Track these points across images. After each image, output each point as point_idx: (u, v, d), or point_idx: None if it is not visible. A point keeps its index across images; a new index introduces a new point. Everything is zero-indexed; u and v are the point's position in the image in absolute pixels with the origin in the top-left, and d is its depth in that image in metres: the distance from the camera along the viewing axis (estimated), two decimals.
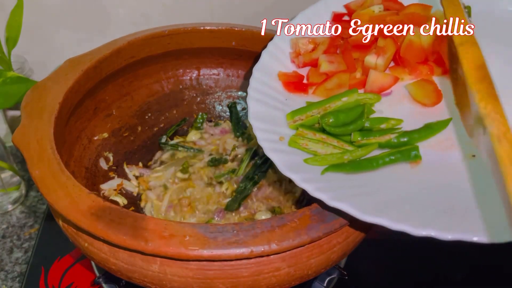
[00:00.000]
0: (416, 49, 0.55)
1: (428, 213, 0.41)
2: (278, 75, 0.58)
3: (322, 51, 0.59)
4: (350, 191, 0.44)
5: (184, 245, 0.41)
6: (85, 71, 0.61)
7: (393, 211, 0.41)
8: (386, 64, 0.57)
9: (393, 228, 0.40)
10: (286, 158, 0.48)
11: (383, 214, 0.41)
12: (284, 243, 0.43)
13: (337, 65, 0.57)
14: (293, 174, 0.46)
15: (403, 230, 0.40)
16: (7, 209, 0.78)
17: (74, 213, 0.44)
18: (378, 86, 0.55)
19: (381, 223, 0.40)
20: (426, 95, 0.53)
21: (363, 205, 0.42)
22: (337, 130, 0.51)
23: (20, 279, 0.68)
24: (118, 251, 0.45)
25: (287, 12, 0.87)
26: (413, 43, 0.54)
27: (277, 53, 0.61)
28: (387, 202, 0.43)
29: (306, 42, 0.60)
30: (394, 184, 0.46)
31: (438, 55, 0.55)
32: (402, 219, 0.40)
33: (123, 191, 0.67)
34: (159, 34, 0.69)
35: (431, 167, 0.47)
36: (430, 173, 0.46)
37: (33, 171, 0.48)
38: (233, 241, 0.42)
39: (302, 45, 0.60)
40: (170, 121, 0.77)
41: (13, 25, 0.74)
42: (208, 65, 0.78)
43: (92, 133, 0.67)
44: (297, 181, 0.45)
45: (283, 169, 0.46)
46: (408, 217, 0.41)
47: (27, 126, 0.53)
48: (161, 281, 0.46)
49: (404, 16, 0.57)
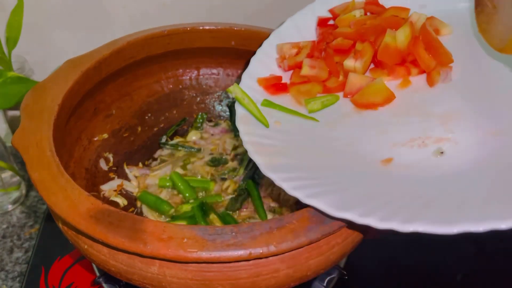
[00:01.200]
0: (392, 51, 0.57)
1: (393, 207, 0.42)
2: (257, 81, 0.60)
3: (305, 54, 0.61)
4: (324, 188, 0.46)
5: (182, 247, 0.42)
6: (84, 72, 0.61)
7: (361, 206, 0.43)
8: (365, 67, 0.58)
9: (358, 222, 0.42)
10: (268, 160, 0.50)
11: (351, 210, 0.42)
12: (282, 245, 0.43)
13: (318, 70, 0.59)
14: (273, 174, 0.48)
15: (367, 223, 0.41)
16: (7, 209, 0.79)
17: (73, 215, 0.44)
18: (357, 87, 0.57)
19: (349, 218, 0.42)
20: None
21: (335, 202, 0.44)
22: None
23: (20, 279, 0.69)
24: (117, 253, 0.45)
25: (287, 12, 0.87)
26: (389, 46, 0.56)
27: (265, 59, 0.63)
28: (357, 198, 0.44)
29: (290, 47, 0.62)
30: (366, 181, 0.48)
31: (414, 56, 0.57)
32: (368, 214, 0.42)
33: (123, 191, 0.67)
34: (158, 34, 0.69)
35: (401, 164, 0.49)
36: (400, 170, 0.48)
37: (32, 174, 0.48)
38: (231, 243, 0.42)
39: (287, 49, 0.62)
40: (170, 121, 0.77)
41: (13, 25, 0.74)
42: (208, 65, 0.77)
43: (92, 133, 0.67)
44: (276, 180, 0.47)
45: (264, 170, 0.49)
46: (373, 211, 0.42)
47: (26, 128, 0.53)
48: (160, 283, 0.46)
49: (382, 20, 0.59)
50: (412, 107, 0.55)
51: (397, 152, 0.50)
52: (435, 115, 0.53)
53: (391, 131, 0.53)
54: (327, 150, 0.53)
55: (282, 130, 0.55)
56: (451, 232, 0.39)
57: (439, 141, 0.50)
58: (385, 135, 0.53)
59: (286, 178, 0.47)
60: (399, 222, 0.40)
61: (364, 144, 0.53)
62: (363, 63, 0.57)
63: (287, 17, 0.67)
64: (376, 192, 0.45)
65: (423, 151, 0.50)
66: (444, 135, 0.50)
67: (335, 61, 0.59)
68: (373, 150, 0.51)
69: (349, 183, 0.47)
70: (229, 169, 0.71)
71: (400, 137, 0.52)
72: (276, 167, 0.49)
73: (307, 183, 0.47)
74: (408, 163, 0.49)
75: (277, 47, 0.63)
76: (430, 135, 0.51)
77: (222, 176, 0.70)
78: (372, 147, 0.52)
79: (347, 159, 0.51)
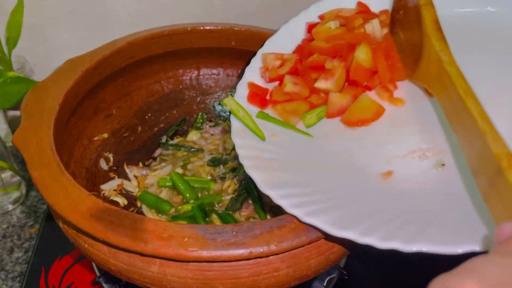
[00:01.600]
0: (363, 69, 0.55)
1: (394, 224, 0.42)
2: (247, 84, 0.58)
3: (289, 67, 0.58)
4: (323, 205, 0.45)
5: (183, 246, 0.42)
6: (84, 72, 0.61)
7: (362, 224, 0.42)
8: (339, 85, 0.56)
9: (359, 241, 0.41)
10: (265, 176, 0.49)
11: (352, 228, 0.41)
12: (283, 244, 0.43)
13: (300, 87, 0.56)
14: (271, 190, 0.47)
15: (369, 243, 0.40)
16: (7, 209, 0.79)
17: (73, 214, 0.44)
18: (338, 108, 0.55)
19: (350, 238, 0.41)
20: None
21: (334, 220, 0.42)
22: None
23: (20, 279, 0.69)
24: (117, 252, 0.46)
25: (287, 12, 0.87)
26: (360, 64, 0.55)
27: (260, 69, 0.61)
28: (357, 215, 0.43)
29: (274, 58, 0.59)
30: (366, 196, 0.46)
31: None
32: (369, 233, 0.41)
33: (123, 191, 0.67)
34: (158, 34, 0.69)
35: (402, 178, 0.48)
36: (401, 183, 0.47)
37: (33, 173, 0.49)
38: (232, 242, 0.42)
39: (270, 60, 0.59)
40: (170, 121, 0.77)
41: (13, 25, 0.74)
42: (208, 65, 0.78)
43: (92, 133, 0.67)
44: (274, 198, 0.46)
45: (262, 187, 0.47)
46: (374, 230, 0.41)
47: (27, 127, 0.54)
48: (161, 282, 0.46)
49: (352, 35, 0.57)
50: (410, 116, 0.53)
51: (397, 164, 0.49)
52: (434, 125, 0.51)
53: (390, 143, 0.51)
54: (326, 164, 0.51)
55: (278, 143, 0.54)
56: (456, 252, 0.38)
57: (440, 153, 0.48)
58: (383, 147, 0.51)
59: (284, 195, 0.46)
60: (401, 242, 0.39)
61: (362, 157, 0.51)
62: (334, 82, 0.55)
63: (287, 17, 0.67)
64: (376, 208, 0.44)
65: (423, 163, 0.48)
66: (444, 146, 0.49)
67: (313, 78, 0.57)
68: (372, 163, 0.50)
69: (349, 198, 0.46)
70: (229, 169, 0.71)
71: (400, 149, 0.50)
72: (274, 184, 0.48)
73: (306, 200, 0.45)
74: (408, 176, 0.47)
75: (262, 56, 0.61)
76: (431, 146, 0.49)
77: (222, 176, 0.70)
78: (371, 160, 0.50)
79: (345, 172, 0.50)
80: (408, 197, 0.45)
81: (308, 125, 0.55)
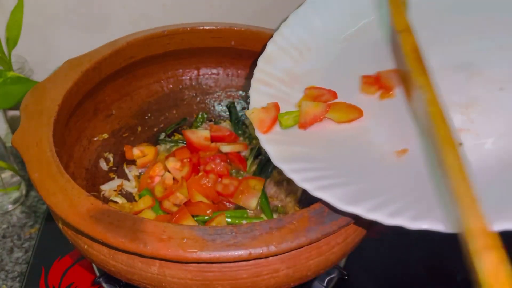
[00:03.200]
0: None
1: (403, 202, 0.42)
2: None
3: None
4: (334, 181, 0.45)
5: (182, 248, 0.42)
6: (84, 72, 0.61)
7: (370, 201, 0.42)
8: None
9: (366, 217, 0.41)
10: (279, 150, 0.49)
11: (360, 204, 0.42)
12: (282, 245, 0.43)
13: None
14: (283, 165, 0.47)
15: (375, 219, 0.41)
16: (7, 209, 0.79)
17: (73, 216, 0.44)
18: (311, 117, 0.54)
19: (357, 213, 0.42)
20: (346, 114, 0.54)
21: (343, 195, 0.43)
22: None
23: (20, 279, 0.69)
24: (117, 253, 0.46)
25: (287, 12, 0.87)
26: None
27: (284, 43, 0.60)
28: (367, 192, 0.43)
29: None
30: (378, 173, 0.46)
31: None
32: (376, 209, 0.41)
33: (123, 191, 0.67)
34: (158, 34, 0.69)
35: (417, 156, 0.47)
36: (415, 161, 0.47)
37: (32, 174, 0.49)
38: (231, 243, 0.42)
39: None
40: (170, 121, 0.77)
41: (13, 25, 0.74)
42: (208, 64, 0.77)
43: (92, 134, 0.67)
44: (286, 171, 0.47)
45: (275, 160, 0.48)
46: (382, 206, 0.41)
47: (26, 128, 0.54)
48: (161, 283, 0.46)
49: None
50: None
51: (413, 143, 0.48)
52: (454, 104, 0.49)
53: (407, 120, 0.50)
54: (341, 141, 0.51)
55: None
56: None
57: (458, 132, 0.47)
58: (400, 124, 0.51)
59: (296, 170, 0.47)
60: (408, 219, 0.39)
61: (378, 133, 0.51)
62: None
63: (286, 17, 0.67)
64: (387, 186, 0.44)
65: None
66: (464, 125, 0.48)
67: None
68: (387, 140, 0.50)
69: (361, 175, 0.46)
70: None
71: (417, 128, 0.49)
72: (286, 158, 0.48)
73: (317, 175, 0.46)
74: (423, 155, 0.47)
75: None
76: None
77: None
78: (387, 137, 0.50)
79: (360, 149, 0.50)
80: (420, 175, 0.45)
81: (285, 126, 0.54)
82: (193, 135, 0.72)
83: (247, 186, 0.65)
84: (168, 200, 0.64)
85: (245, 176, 0.70)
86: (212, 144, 0.72)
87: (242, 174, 0.70)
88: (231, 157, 0.71)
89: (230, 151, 0.71)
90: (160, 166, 0.68)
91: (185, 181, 0.65)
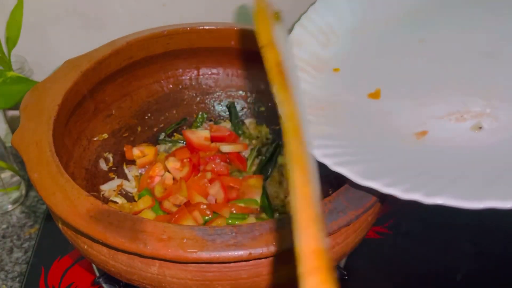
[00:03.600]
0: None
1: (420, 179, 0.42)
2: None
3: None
4: (353, 158, 0.46)
5: (182, 248, 0.41)
6: (84, 72, 0.61)
7: (388, 177, 0.43)
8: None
9: (383, 191, 0.42)
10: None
11: (377, 179, 0.43)
12: (282, 245, 0.43)
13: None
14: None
15: (391, 193, 0.42)
16: (7, 209, 0.79)
17: (73, 216, 0.44)
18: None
19: (374, 187, 0.42)
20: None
21: (362, 171, 0.44)
22: None
23: (20, 279, 0.69)
24: (117, 253, 0.45)
25: (287, 12, 0.86)
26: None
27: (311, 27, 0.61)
28: (385, 169, 0.44)
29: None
30: (398, 153, 0.47)
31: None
32: (393, 184, 0.42)
33: (123, 191, 0.67)
34: (158, 34, 0.69)
35: (436, 137, 0.48)
36: (434, 143, 0.48)
37: (32, 174, 0.48)
38: (231, 243, 0.42)
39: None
40: (170, 121, 0.77)
41: (13, 25, 0.74)
42: (208, 64, 0.77)
43: (92, 134, 0.67)
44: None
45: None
46: (399, 182, 0.42)
47: (26, 128, 0.53)
48: (160, 283, 0.46)
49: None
50: (452, 79, 0.53)
51: (433, 125, 0.49)
52: (476, 88, 0.51)
53: (429, 104, 0.52)
54: (360, 120, 0.52)
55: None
56: (477, 207, 0.38)
57: (479, 116, 0.49)
58: (422, 107, 0.52)
59: (316, 146, 0.47)
60: (423, 194, 0.40)
61: (399, 115, 0.52)
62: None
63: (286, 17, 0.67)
64: (406, 164, 0.45)
65: (460, 126, 0.49)
66: (484, 110, 0.49)
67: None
68: (408, 121, 0.51)
69: (380, 154, 0.47)
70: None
71: (438, 110, 0.51)
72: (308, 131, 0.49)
73: (337, 152, 0.47)
74: (443, 137, 0.48)
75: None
76: (470, 109, 0.50)
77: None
78: (408, 119, 0.51)
79: (381, 129, 0.51)
80: (439, 155, 0.46)
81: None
82: (193, 135, 0.72)
83: (247, 186, 0.65)
84: (168, 200, 0.64)
85: (245, 176, 0.70)
86: (212, 144, 0.72)
87: (242, 174, 0.70)
88: (231, 157, 0.71)
89: (230, 151, 0.71)
90: (160, 166, 0.68)
91: (184, 182, 0.65)
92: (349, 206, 0.45)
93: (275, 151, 0.73)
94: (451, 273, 0.68)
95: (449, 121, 0.49)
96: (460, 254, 0.70)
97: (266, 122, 0.78)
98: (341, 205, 0.45)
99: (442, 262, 0.69)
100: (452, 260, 0.70)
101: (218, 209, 0.62)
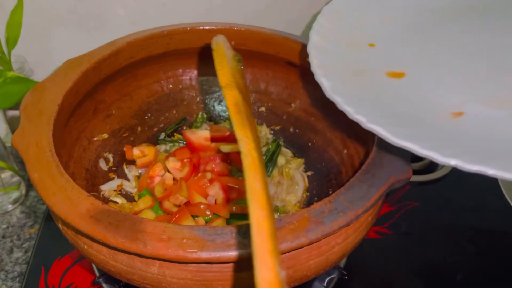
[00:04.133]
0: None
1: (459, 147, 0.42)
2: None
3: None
4: (388, 120, 0.46)
5: (182, 248, 0.41)
6: (84, 72, 0.61)
7: (424, 141, 0.43)
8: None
9: (420, 153, 0.42)
10: (334, 83, 0.50)
11: (414, 141, 0.42)
12: (282, 245, 0.43)
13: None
14: (338, 97, 0.48)
15: (429, 156, 0.41)
16: (7, 209, 0.79)
17: (73, 216, 0.44)
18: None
19: (410, 148, 0.42)
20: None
21: (397, 132, 0.44)
22: None
23: (20, 279, 0.69)
24: (117, 253, 0.45)
25: (287, 12, 0.87)
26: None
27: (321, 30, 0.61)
28: (420, 134, 0.44)
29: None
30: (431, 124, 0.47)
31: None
32: (431, 148, 0.42)
33: (123, 191, 0.67)
34: (158, 34, 0.69)
35: (472, 120, 0.48)
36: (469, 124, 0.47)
37: (32, 174, 0.48)
38: (231, 243, 0.42)
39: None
40: (170, 121, 0.77)
41: (13, 25, 0.74)
42: (208, 64, 0.77)
43: (92, 134, 0.67)
44: (339, 103, 0.47)
45: (329, 92, 0.49)
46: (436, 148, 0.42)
47: (26, 128, 0.53)
48: (160, 283, 0.46)
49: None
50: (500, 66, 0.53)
51: (470, 108, 0.49)
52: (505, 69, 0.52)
53: (471, 86, 0.52)
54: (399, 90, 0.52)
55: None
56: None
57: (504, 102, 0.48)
58: (463, 88, 0.52)
59: (350, 102, 0.47)
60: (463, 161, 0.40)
61: (437, 91, 0.52)
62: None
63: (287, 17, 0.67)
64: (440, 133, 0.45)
65: (499, 112, 0.48)
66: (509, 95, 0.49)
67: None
68: (445, 100, 0.50)
69: (413, 122, 0.47)
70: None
71: (478, 95, 0.50)
72: (341, 92, 0.49)
73: (371, 111, 0.47)
74: (478, 120, 0.47)
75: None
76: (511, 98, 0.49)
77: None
78: (446, 97, 0.51)
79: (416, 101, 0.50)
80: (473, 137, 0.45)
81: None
82: (193, 135, 0.72)
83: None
84: (168, 200, 0.64)
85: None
86: (212, 144, 0.72)
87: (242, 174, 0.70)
88: (231, 157, 0.71)
89: (230, 151, 0.71)
90: (160, 166, 0.68)
91: (184, 182, 0.65)
92: (349, 206, 0.45)
93: (275, 151, 0.73)
94: (451, 273, 0.68)
95: (487, 106, 0.49)
96: (460, 254, 0.70)
97: (266, 122, 0.78)
98: (341, 205, 0.45)
99: (442, 262, 0.69)
100: (452, 260, 0.70)
101: (217, 211, 0.62)
